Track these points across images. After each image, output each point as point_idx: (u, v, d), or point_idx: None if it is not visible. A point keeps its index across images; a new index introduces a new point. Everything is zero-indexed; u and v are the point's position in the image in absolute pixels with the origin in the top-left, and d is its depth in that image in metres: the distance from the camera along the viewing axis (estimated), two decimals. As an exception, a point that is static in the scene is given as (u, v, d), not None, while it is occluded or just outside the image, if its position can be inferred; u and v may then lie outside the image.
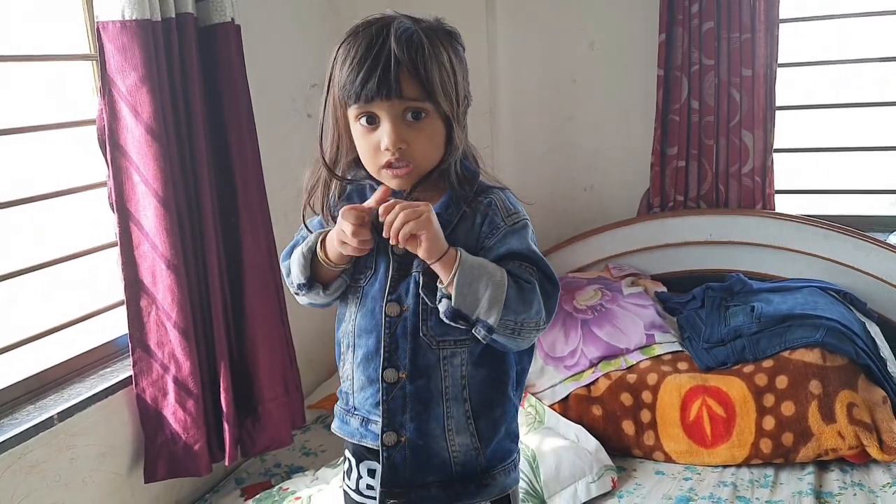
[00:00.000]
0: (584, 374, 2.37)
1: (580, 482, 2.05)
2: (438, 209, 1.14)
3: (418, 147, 1.09)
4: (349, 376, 1.22)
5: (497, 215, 1.14)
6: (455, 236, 1.13)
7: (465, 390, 1.17)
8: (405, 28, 1.06)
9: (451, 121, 1.10)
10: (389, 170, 1.10)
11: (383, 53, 1.03)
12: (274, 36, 2.48)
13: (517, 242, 1.13)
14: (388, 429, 1.17)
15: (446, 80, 1.08)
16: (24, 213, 1.86)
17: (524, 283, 1.08)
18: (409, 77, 1.04)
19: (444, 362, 1.15)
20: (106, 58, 1.82)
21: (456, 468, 1.19)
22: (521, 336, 1.09)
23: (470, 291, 1.06)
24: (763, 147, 2.76)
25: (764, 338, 2.27)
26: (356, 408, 1.22)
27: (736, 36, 2.68)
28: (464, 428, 1.17)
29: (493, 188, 1.18)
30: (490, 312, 1.06)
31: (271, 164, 2.21)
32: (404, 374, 1.15)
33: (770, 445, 2.14)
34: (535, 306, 1.08)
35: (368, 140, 1.10)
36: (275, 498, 2.02)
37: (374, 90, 1.04)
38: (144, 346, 1.93)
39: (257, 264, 2.11)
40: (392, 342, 1.15)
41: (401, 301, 1.15)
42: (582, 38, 2.94)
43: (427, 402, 1.16)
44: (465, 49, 1.16)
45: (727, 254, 2.77)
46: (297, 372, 2.27)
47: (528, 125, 3.05)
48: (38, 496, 1.72)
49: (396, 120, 1.07)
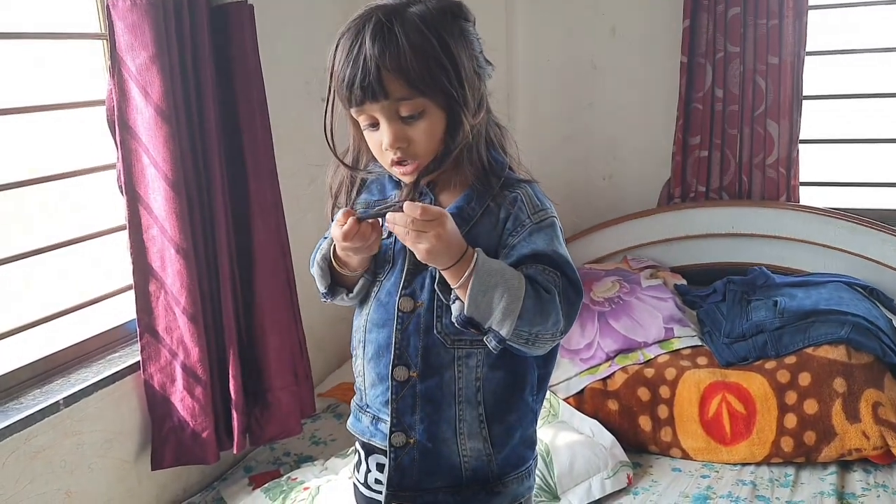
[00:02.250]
0: (600, 367, 2.31)
1: (594, 478, 2.00)
2: (461, 202, 1.09)
3: (419, 143, 1.04)
4: (361, 372, 1.18)
5: (523, 212, 1.07)
6: (477, 231, 1.07)
7: (480, 393, 1.11)
8: (381, 24, 0.99)
9: (454, 108, 1.03)
10: (397, 167, 1.07)
11: (361, 56, 0.99)
12: (287, 17, 2.42)
13: (542, 242, 1.06)
14: (396, 429, 1.12)
15: (436, 71, 1.00)
16: (32, 195, 1.83)
17: (543, 293, 1.01)
18: (391, 76, 0.99)
19: (458, 362, 1.09)
20: (116, 36, 1.78)
21: (466, 474, 1.13)
22: (536, 346, 1.04)
23: (484, 300, 0.99)
24: (788, 137, 2.69)
25: (787, 333, 2.21)
26: (368, 405, 1.18)
27: (763, 22, 2.61)
28: (476, 432, 1.12)
29: (521, 182, 1.11)
30: (503, 323, 0.99)
31: (283, 147, 2.17)
32: (415, 373, 1.10)
33: (791, 444, 2.08)
34: (552, 318, 1.02)
35: (373, 139, 1.07)
36: (283, 487, 1.99)
37: (360, 95, 1.00)
38: (153, 332, 1.90)
39: (268, 249, 2.07)
40: (404, 338, 1.10)
41: (415, 296, 1.10)
42: (603, 23, 2.88)
43: (438, 403, 1.11)
44: (473, 22, 1.08)
45: (749, 247, 2.71)
46: (306, 359, 2.23)
47: (546, 112, 2.99)
48: (43, 482, 1.70)
49: (392, 119, 1.02)
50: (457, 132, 1.04)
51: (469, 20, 1.07)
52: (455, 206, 1.08)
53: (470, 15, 1.08)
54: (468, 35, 1.06)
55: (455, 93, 1.02)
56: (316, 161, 1.18)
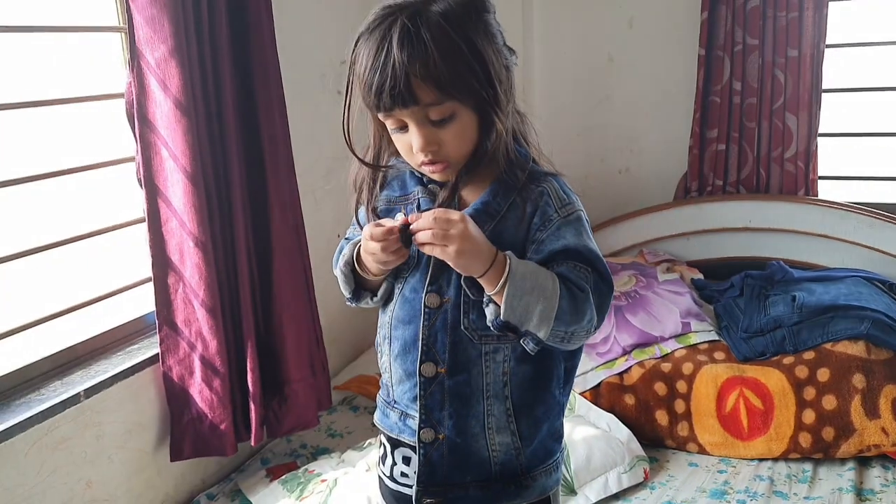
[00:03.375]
0: (617, 361, 2.31)
1: (611, 472, 2.00)
2: (486, 197, 1.08)
3: (449, 146, 1.04)
4: (387, 368, 1.18)
5: (550, 206, 1.06)
6: (504, 226, 1.07)
7: (507, 387, 1.11)
8: (407, 29, 0.97)
9: (485, 108, 1.02)
10: (427, 167, 1.06)
11: (389, 63, 0.97)
12: (304, 10, 2.42)
13: (572, 237, 1.05)
14: (425, 425, 1.12)
15: (466, 74, 0.99)
16: (51, 188, 1.84)
17: (577, 292, 1.01)
18: (420, 82, 0.98)
19: (485, 357, 1.09)
20: (135, 30, 1.78)
21: (495, 468, 1.14)
22: (571, 342, 1.04)
23: (520, 305, 0.99)
24: (807, 131, 2.67)
25: (805, 329, 2.20)
26: (396, 401, 1.18)
27: (783, 14, 2.60)
28: (504, 427, 1.12)
29: (547, 175, 1.10)
30: (540, 326, 1.00)
31: (300, 140, 2.17)
32: (443, 369, 1.10)
33: (809, 440, 2.08)
34: (587, 315, 1.02)
35: (402, 141, 1.06)
36: (300, 479, 2.00)
37: (388, 102, 0.99)
38: (171, 324, 1.91)
39: (285, 243, 2.08)
40: (431, 335, 1.10)
41: (441, 292, 1.09)
42: (620, 15, 2.87)
43: (467, 398, 1.11)
44: (493, 10, 1.06)
45: (767, 241, 2.70)
46: (323, 352, 2.24)
47: (562, 104, 2.98)
48: (65, 472, 1.72)
49: (422, 124, 1.02)
50: (490, 132, 1.04)
51: (490, 11, 1.06)
52: (480, 202, 1.08)
53: (490, 5, 1.06)
54: (491, 28, 1.05)
55: (486, 94, 1.01)
56: (332, 154, 1.17)
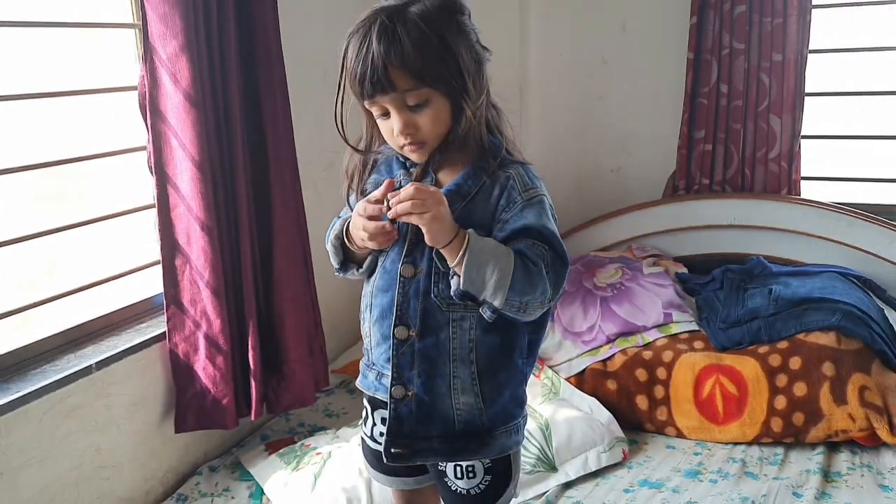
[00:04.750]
0: (601, 349, 2.42)
1: (591, 451, 2.11)
2: (459, 180, 1.21)
3: (426, 129, 1.17)
4: (368, 333, 1.31)
5: (515, 189, 1.19)
6: (473, 206, 1.19)
7: (473, 353, 1.22)
8: (385, 25, 1.11)
9: (456, 96, 1.15)
10: (408, 148, 1.19)
11: (370, 55, 1.11)
12: (308, 9, 2.53)
13: (533, 217, 1.17)
14: (396, 382, 1.24)
15: (437, 64, 1.12)
16: (68, 174, 1.95)
17: (531, 266, 1.13)
18: (397, 70, 1.11)
19: (453, 324, 1.21)
20: (148, 26, 1.89)
21: (459, 425, 1.25)
22: (527, 312, 1.16)
23: (477, 276, 1.12)
24: (791, 133, 2.76)
25: (780, 320, 2.30)
26: (373, 363, 1.31)
27: (768, 20, 2.69)
28: (469, 388, 1.23)
29: (515, 163, 1.23)
30: (496, 295, 1.12)
31: (303, 133, 2.28)
32: (414, 333, 1.22)
33: (781, 424, 2.18)
34: (540, 287, 1.13)
35: (385, 127, 1.20)
36: (297, 453, 2.11)
37: (370, 89, 1.13)
38: (178, 304, 2.02)
39: (287, 228, 2.19)
40: (405, 301, 1.22)
41: (415, 263, 1.22)
42: (614, 19, 2.96)
43: (434, 360, 1.22)
44: (468, 14, 1.19)
45: (750, 238, 2.79)
46: (321, 334, 2.35)
47: (557, 104, 3.08)
48: (76, 438, 1.83)
49: (401, 109, 1.15)
50: (460, 117, 1.17)
51: (464, 13, 1.19)
52: (454, 184, 1.21)
53: (465, 8, 1.19)
54: (464, 27, 1.18)
55: (455, 83, 1.14)
56: (332, 147, 1.29)
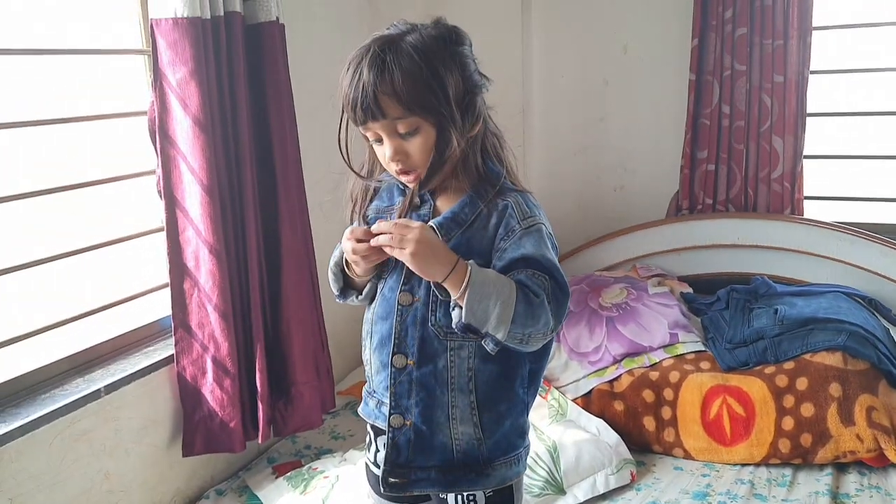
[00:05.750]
0: (608, 370, 2.42)
1: (599, 474, 2.10)
2: (456, 208, 1.21)
3: (415, 156, 1.18)
4: (368, 360, 1.32)
5: (513, 218, 1.19)
6: (471, 234, 1.20)
7: (472, 382, 1.22)
8: (377, 54, 1.13)
9: (443, 124, 1.16)
10: (402, 175, 1.21)
11: (361, 83, 1.13)
12: (314, 34, 2.57)
13: (531, 247, 1.17)
14: (394, 411, 1.24)
15: (425, 93, 1.13)
16: (78, 198, 1.97)
17: (533, 298, 1.12)
18: (386, 97, 1.13)
19: (451, 353, 1.21)
20: (158, 53, 1.92)
21: (458, 455, 1.24)
22: (529, 344, 1.15)
23: (479, 308, 1.10)
24: (793, 153, 2.78)
25: (786, 340, 2.30)
26: (374, 390, 1.31)
27: (769, 42, 2.72)
28: (468, 418, 1.23)
29: (514, 191, 1.23)
30: (498, 328, 1.10)
31: (308, 157, 2.30)
32: (412, 361, 1.22)
33: (788, 445, 2.17)
34: (542, 319, 1.12)
35: (379, 152, 1.21)
36: (304, 476, 2.11)
37: (362, 116, 1.15)
38: (186, 327, 2.03)
39: (294, 252, 2.20)
40: (402, 329, 1.23)
41: (413, 291, 1.23)
42: (615, 41, 2.99)
43: (432, 389, 1.22)
44: (469, 45, 1.21)
45: (754, 257, 2.80)
46: (328, 357, 2.36)
47: (559, 125, 3.11)
48: (85, 463, 1.83)
49: (392, 136, 1.17)
50: (446, 146, 1.17)
51: (463, 44, 1.20)
52: (450, 212, 1.21)
53: (464, 39, 1.21)
54: (460, 58, 1.19)
55: (443, 111, 1.15)
56: (338, 169, 1.31)
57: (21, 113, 1.85)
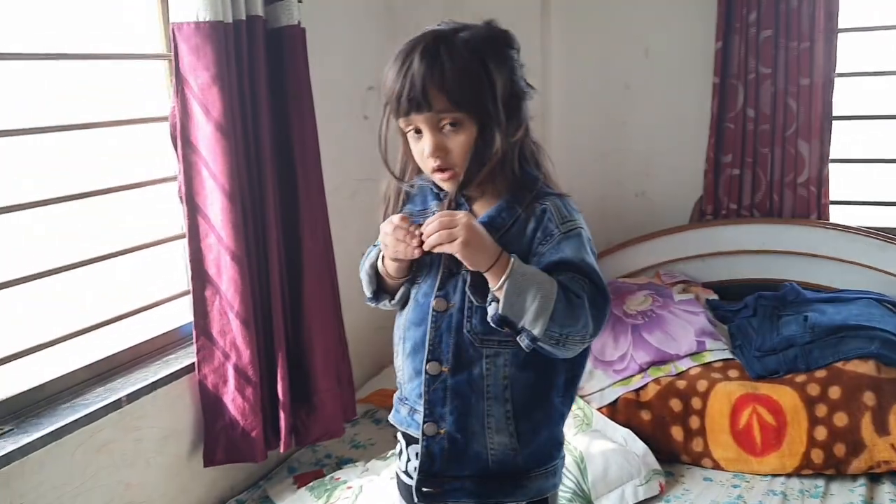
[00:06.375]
0: (634, 378, 2.38)
1: (628, 485, 2.06)
2: (493, 212, 1.18)
3: (457, 153, 1.15)
4: (401, 367, 1.28)
5: (552, 222, 1.16)
6: (507, 240, 1.16)
7: (508, 391, 1.19)
8: (429, 46, 1.11)
9: (489, 124, 1.13)
10: (437, 174, 1.17)
11: (410, 71, 1.11)
12: (334, 39, 2.54)
13: (570, 251, 1.14)
14: (428, 419, 1.21)
15: (475, 89, 1.11)
16: (94, 205, 1.94)
17: (574, 298, 1.09)
18: (435, 91, 1.10)
19: (486, 360, 1.18)
20: (179, 57, 1.89)
21: (493, 465, 1.21)
22: (566, 347, 1.11)
23: (518, 300, 1.08)
24: (819, 157, 2.74)
25: (817, 348, 2.26)
26: (406, 397, 1.28)
27: (794, 45, 2.68)
28: (503, 427, 1.20)
29: (551, 194, 1.20)
30: (535, 323, 1.08)
31: (328, 162, 2.27)
32: (446, 368, 1.19)
33: (821, 456, 2.13)
34: (582, 320, 1.09)
35: (417, 148, 1.18)
36: (327, 486, 2.07)
37: (406, 106, 1.12)
38: (208, 335, 2.00)
39: (315, 258, 2.17)
40: (437, 336, 1.20)
41: (448, 297, 1.20)
42: (637, 44, 2.96)
43: (467, 397, 1.19)
44: (517, 49, 1.20)
45: (780, 263, 2.76)
46: (349, 365, 2.32)
47: (580, 129, 3.07)
48: (106, 474, 1.80)
49: (434, 130, 1.14)
50: (490, 146, 1.14)
51: (513, 48, 1.19)
52: (487, 216, 1.18)
53: (514, 43, 1.19)
54: (509, 61, 1.17)
55: (490, 110, 1.12)
56: (358, 176, 1.28)
57: (38, 119, 1.82)
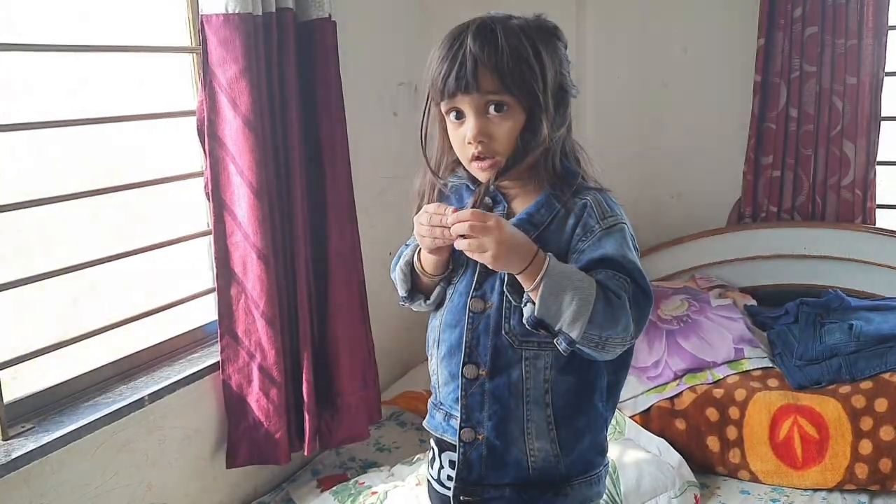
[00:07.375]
0: (668, 386, 2.30)
1: (661, 497, 1.99)
2: (532, 209, 1.13)
3: (500, 139, 1.10)
4: (435, 370, 1.23)
5: (592, 217, 1.11)
6: (547, 237, 1.11)
7: (548, 395, 1.13)
8: (484, 26, 1.08)
9: (536, 112, 1.09)
10: (476, 162, 1.12)
11: (461, 50, 1.07)
12: (365, 34, 2.49)
13: (612, 247, 1.08)
14: (465, 425, 1.16)
15: (527, 74, 1.07)
16: (123, 200, 1.91)
17: (614, 298, 1.03)
18: (486, 71, 1.06)
19: (526, 363, 1.13)
20: (208, 50, 1.85)
21: (533, 472, 1.16)
22: (606, 350, 1.06)
23: (554, 302, 1.02)
24: (865, 159, 2.64)
25: (862, 358, 2.17)
26: (441, 402, 1.23)
27: (841, 42, 2.58)
28: (544, 433, 1.15)
29: (591, 189, 1.15)
30: (573, 326, 1.02)
31: (357, 159, 2.22)
32: (484, 372, 1.14)
33: (866, 471, 2.04)
34: (622, 322, 1.04)
35: (457, 134, 1.13)
36: (351, 491, 2.02)
37: (453, 85, 1.08)
38: (232, 334, 1.96)
39: (342, 258, 2.12)
40: (474, 338, 1.15)
41: (485, 297, 1.15)
42: (674, 41, 2.88)
43: (506, 401, 1.14)
44: (566, 45, 1.16)
45: (822, 269, 2.66)
46: (375, 366, 2.27)
47: (615, 128, 2.99)
48: (128, 474, 1.77)
49: (479, 113, 1.09)
50: (535, 135, 1.10)
51: (562, 41, 1.15)
52: (525, 213, 1.13)
53: (564, 37, 1.15)
54: (559, 53, 1.14)
55: (540, 97, 1.08)
56: (387, 173, 1.23)
57: (64, 112, 1.80)
